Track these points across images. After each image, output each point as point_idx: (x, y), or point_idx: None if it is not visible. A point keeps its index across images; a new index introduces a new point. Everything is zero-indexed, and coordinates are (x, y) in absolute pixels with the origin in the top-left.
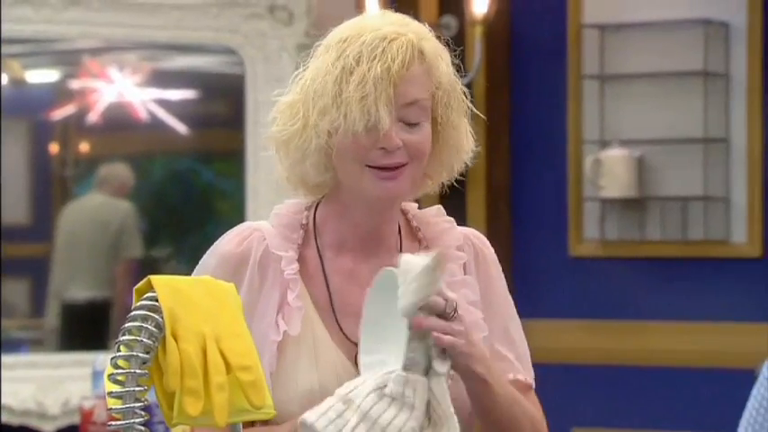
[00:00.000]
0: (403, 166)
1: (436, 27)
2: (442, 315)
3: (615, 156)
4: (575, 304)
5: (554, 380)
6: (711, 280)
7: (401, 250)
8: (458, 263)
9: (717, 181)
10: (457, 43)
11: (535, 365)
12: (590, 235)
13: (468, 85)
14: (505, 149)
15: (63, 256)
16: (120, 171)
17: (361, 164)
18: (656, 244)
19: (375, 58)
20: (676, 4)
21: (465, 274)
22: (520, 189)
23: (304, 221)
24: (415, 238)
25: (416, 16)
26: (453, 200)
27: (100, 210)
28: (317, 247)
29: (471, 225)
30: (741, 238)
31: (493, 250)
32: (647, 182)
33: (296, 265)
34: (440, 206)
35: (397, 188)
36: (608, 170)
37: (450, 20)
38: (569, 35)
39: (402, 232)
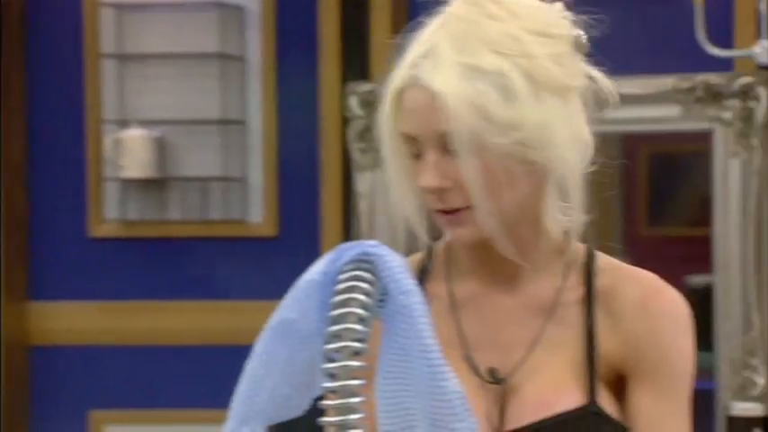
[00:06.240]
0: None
1: None
2: None
3: (135, 136)
4: (94, 285)
5: (67, 363)
6: (230, 259)
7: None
8: None
9: (235, 162)
10: None
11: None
12: (111, 215)
13: None
14: (23, 128)
15: None
16: None
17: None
18: (176, 224)
19: None
20: None
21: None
22: (36, 168)
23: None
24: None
25: None
26: None
27: None
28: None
29: None
30: (258, 218)
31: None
32: (167, 162)
33: None
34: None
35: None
36: (128, 150)
37: None
38: (85, 13)
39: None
